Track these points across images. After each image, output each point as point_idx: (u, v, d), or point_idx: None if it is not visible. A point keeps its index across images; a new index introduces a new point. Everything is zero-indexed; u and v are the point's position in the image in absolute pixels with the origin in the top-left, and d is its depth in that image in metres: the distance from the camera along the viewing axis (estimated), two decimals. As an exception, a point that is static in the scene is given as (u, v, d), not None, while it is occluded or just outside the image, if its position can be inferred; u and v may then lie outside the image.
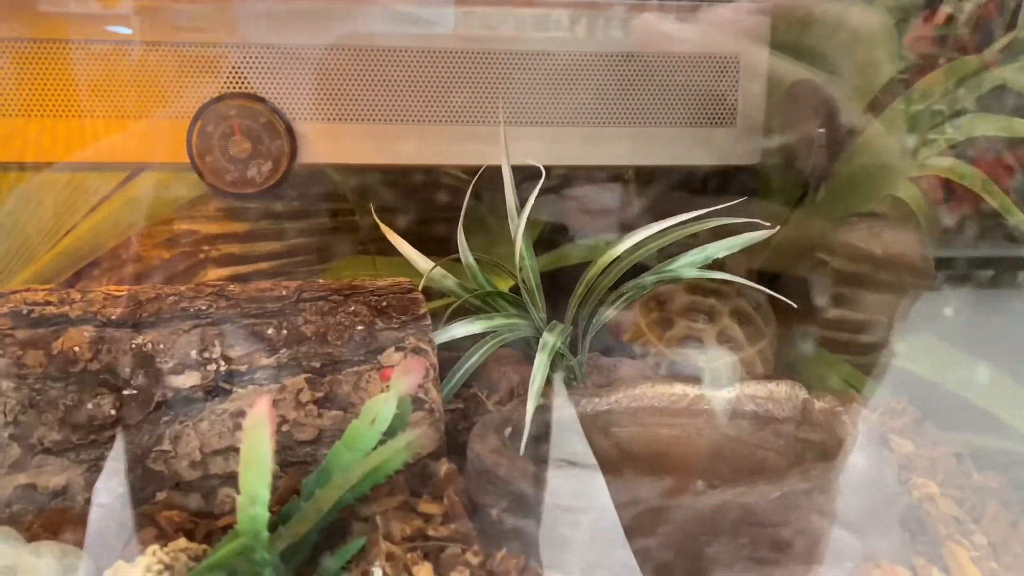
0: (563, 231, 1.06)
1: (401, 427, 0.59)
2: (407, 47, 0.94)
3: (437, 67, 0.95)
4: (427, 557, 0.56)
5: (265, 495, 0.49)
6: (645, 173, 1.06)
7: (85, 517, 0.59)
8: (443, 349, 0.76)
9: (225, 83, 0.92)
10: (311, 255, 1.00)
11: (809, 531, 0.58)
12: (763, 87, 1.01)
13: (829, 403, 0.71)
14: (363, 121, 0.95)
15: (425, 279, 0.82)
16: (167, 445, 0.63)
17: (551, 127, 0.98)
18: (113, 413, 0.62)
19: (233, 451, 0.64)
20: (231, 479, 0.64)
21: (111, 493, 0.61)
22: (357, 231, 1.00)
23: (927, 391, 0.84)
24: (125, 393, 0.63)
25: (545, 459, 0.65)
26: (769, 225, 0.80)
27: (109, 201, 0.95)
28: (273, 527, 0.51)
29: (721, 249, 0.81)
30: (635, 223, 0.85)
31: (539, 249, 0.91)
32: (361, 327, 0.69)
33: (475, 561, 0.56)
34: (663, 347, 0.88)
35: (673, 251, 0.83)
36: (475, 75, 0.96)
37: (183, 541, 0.54)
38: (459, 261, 0.85)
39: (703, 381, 0.77)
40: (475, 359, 0.79)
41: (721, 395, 0.74)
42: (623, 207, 1.07)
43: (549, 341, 0.75)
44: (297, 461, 0.65)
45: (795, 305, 0.79)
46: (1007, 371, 0.82)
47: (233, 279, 0.97)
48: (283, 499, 0.60)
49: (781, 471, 0.67)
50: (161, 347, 0.65)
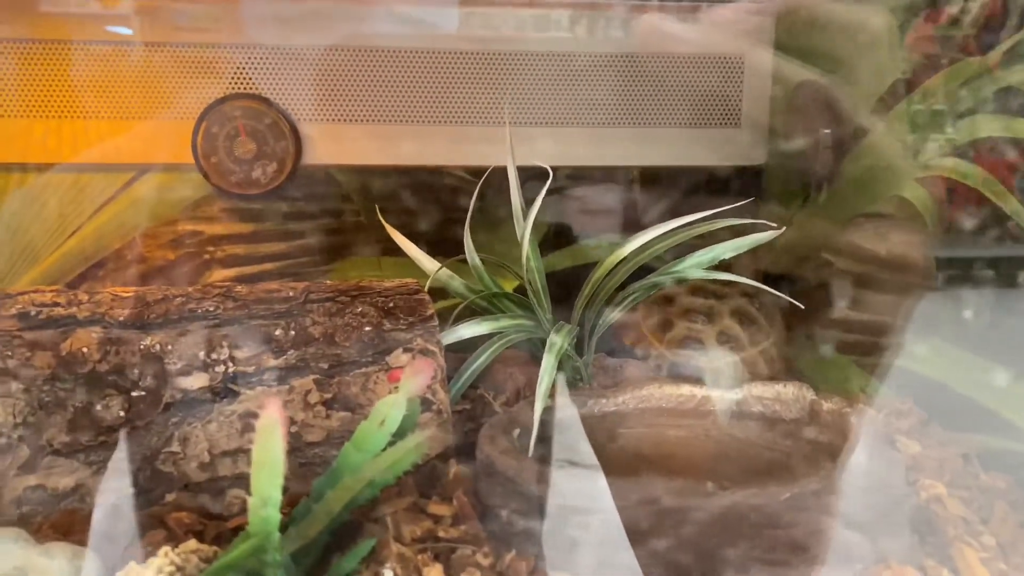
0: (568, 232, 1.06)
1: (410, 428, 0.59)
2: (411, 48, 0.94)
3: (442, 68, 0.95)
4: (438, 559, 0.56)
5: (277, 497, 0.49)
6: (650, 174, 1.06)
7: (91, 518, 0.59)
8: (447, 350, 0.76)
9: (230, 84, 0.92)
10: (316, 256, 1.00)
11: (819, 532, 0.58)
12: (768, 88, 1.01)
13: (837, 404, 0.71)
14: (368, 122, 0.95)
15: (431, 280, 0.82)
16: (176, 446, 0.63)
17: (556, 128, 0.98)
18: (122, 415, 0.62)
19: (242, 452, 0.64)
20: (239, 480, 0.64)
21: (116, 493, 0.61)
22: (362, 232, 1.00)
23: (933, 392, 0.84)
24: (134, 395, 0.63)
25: (553, 459, 0.65)
26: (776, 226, 0.80)
27: (114, 202, 0.95)
28: (283, 528, 0.51)
29: (728, 250, 0.80)
30: (639, 224, 0.85)
31: (544, 250, 0.91)
32: (369, 328, 0.69)
33: (486, 563, 0.56)
34: (663, 349, 0.88)
35: (679, 252, 0.83)
36: (481, 76, 0.96)
37: (194, 543, 0.53)
38: (465, 262, 0.85)
39: (707, 382, 0.77)
40: (482, 360, 0.79)
41: (729, 396, 0.74)
42: (627, 208, 1.07)
43: (556, 342, 0.74)
44: (306, 462, 0.65)
45: (802, 306, 0.79)
46: (1013, 372, 0.82)
47: (238, 280, 0.97)
48: (293, 500, 0.59)
49: (791, 472, 0.67)
50: (169, 348, 0.65)
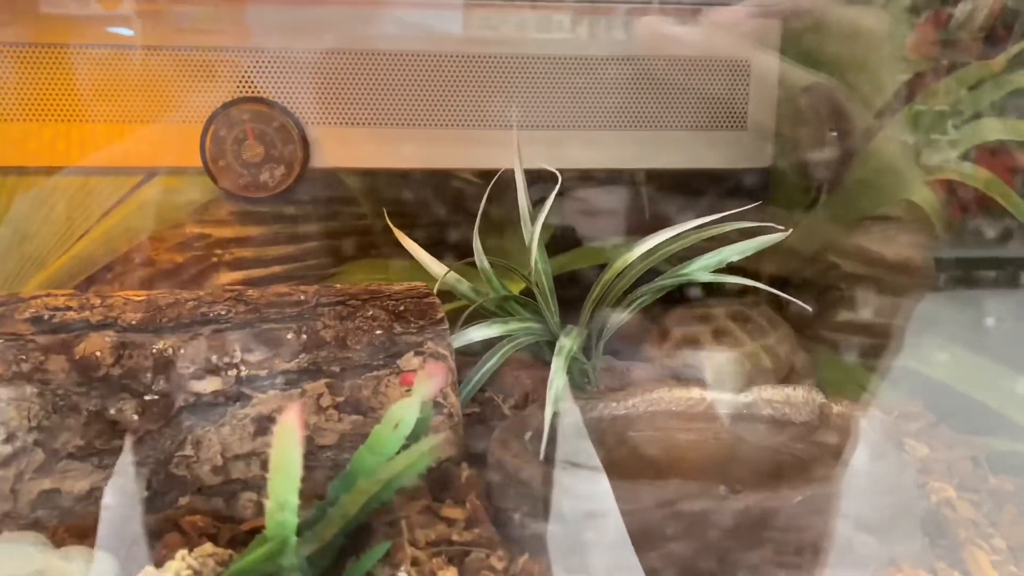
0: (573, 234, 1.06)
1: (423, 432, 0.60)
2: (419, 52, 0.94)
3: (450, 72, 0.95)
4: (452, 562, 0.56)
5: (294, 501, 0.49)
6: (655, 176, 1.06)
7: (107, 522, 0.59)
8: (456, 353, 0.76)
9: (238, 88, 0.93)
10: (324, 258, 1.00)
11: (831, 535, 0.58)
12: (774, 91, 1.01)
13: (846, 407, 0.71)
14: (376, 126, 0.96)
15: (440, 283, 0.82)
16: (189, 450, 0.63)
17: (563, 131, 0.99)
18: (136, 418, 0.62)
19: (254, 456, 0.64)
20: (252, 483, 0.64)
21: (130, 497, 0.61)
22: (369, 235, 1.00)
23: (941, 394, 0.84)
24: (147, 398, 0.63)
25: (565, 463, 0.65)
26: (783, 228, 0.80)
27: (122, 205, 0.95)
28: (299, 531, 0.52)
29: (735, 253, 0.81)
30: (645, 226, 0.85)
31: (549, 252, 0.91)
32: (379, 332, 0.69)
33: (500, 566, 0.56)
34: (669, 351, 0.88)
35: (684, 255, 0.83)
36: (489, 80, 0.96)
37: (209, 546, 0.54)
38: (473, 265, 0.86)
39: (711, 383, 0.77)
40: (492, 363, 0.79)
41: (739, 400, 0.74)
42: (632, 210, 1.07)
43: (566, 345, 0.75)
44: (318, 465, 0.65)
45: (809, 308, 0.80)
46: (1022, 374, 0.82)
47: (246, 283, 0.97)
48: (305, 503, 0.60)
49: (802, 475, 0.67)
50: (182, 352, 0.65)
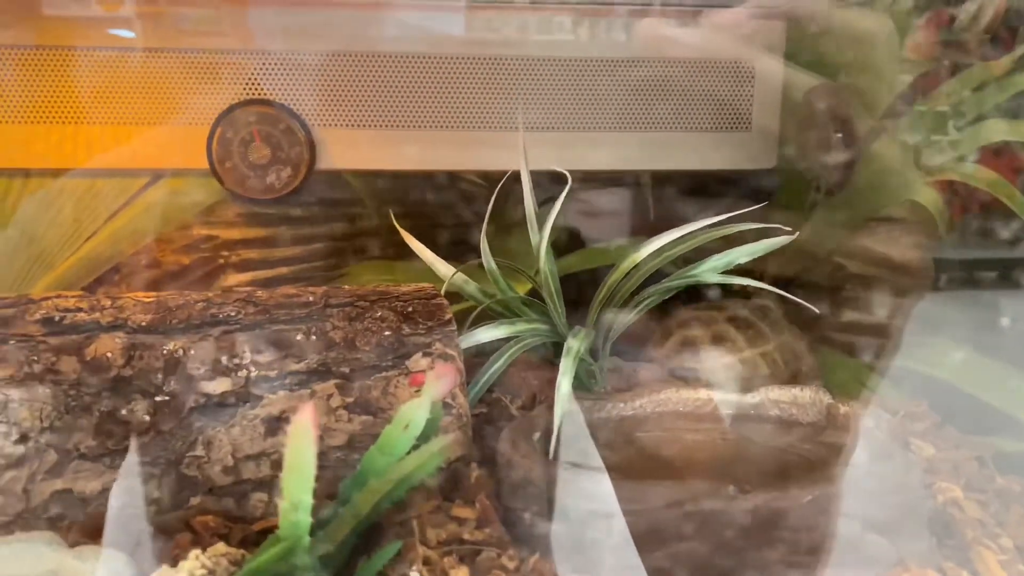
0: (577, 236, 1.06)
1: (433, 432, 0.60)
2: (425, 53, 0.95)
3: (455, 73, 0.95)
4: (463, 561, 0.57)
5: (308, 501, 0.49)
6: (660, 177, 1.06)
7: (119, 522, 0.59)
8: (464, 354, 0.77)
9: (245, 90, 0.93)
10: (330, 260, 1.01)
11: (839, 535, 0.58)
12: (778, 92, 1.01)
13: (853, 408, 0.71)
14: (382, 127, 0.96)
15: (447, 284, 0.82)
16: (200, 450, 0.63)
17: (569, 132, 0.99)
18: (147, 419, 0.63)
19: (265, 456, 0.64)
20: (263, 484, 0.64)
21: (141, 497, 0.62)
22: (375, 236, 1.00)
23: (947, 395, 0.84)
24: (158, 399, 0.63)
25: (574, 463, 0.65)
26: (790, 230, 0.80)
27: (129, 207, 0.96)
28: (311, 531, 0.52)
29: (743, 254, 0.81)
30: (649, 227, 0.86)
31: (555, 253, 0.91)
32: (388, 333, 0.70)
33: (511, 566, 0.57)
34: (665, 353, 0.88)
35: (690, 256, 0.84)
36: (494, 81, 0.96)
37: (222, 546, 0.54)
38: (479, 266, 0.86)
39: (723, 386, 0.77)
40: (500, 364, 0.79)
41: (746, 400, 0.74)
42: (637, 211, 1.08)
43: (574, 346, 0.75)
44: (328, 466, 0.65)
45: (815, 309, 0.80)
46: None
47: (253, 284, 0.97)
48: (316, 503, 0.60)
49: (810, 476, 0.68)
50: (192, 353, 0.65)
